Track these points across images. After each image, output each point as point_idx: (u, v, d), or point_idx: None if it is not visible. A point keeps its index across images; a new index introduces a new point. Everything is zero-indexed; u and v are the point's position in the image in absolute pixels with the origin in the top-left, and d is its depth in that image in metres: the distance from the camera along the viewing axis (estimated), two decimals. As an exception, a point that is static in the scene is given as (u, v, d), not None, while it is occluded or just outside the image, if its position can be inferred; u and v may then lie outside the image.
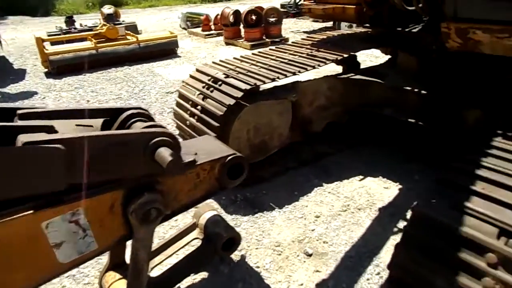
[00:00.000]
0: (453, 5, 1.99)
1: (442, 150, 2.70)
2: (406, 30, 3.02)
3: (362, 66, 3.90)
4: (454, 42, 2.10)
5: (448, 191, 1.52)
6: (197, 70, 3.30)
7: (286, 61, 3.23)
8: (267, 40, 8.64)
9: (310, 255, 2.35)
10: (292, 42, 3.87)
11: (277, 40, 8.68)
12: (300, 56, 3.32)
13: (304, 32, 10.20)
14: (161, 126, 1.45)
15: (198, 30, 10.58)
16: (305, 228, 2.59)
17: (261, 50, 3.70)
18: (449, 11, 2.02)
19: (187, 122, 3.04)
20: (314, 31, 10.02)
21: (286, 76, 2.92)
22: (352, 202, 2.84)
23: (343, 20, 3.58)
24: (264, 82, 2.82)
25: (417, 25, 3.02)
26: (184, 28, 11.54)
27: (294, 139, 3.32)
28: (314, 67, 3.06)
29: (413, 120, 2.93)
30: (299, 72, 2.98)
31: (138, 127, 1.48)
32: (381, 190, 2.99)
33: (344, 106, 3.43)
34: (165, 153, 1.33)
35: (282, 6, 12.44)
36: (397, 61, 3.33)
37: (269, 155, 3.15)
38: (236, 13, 8.96)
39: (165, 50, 7.72)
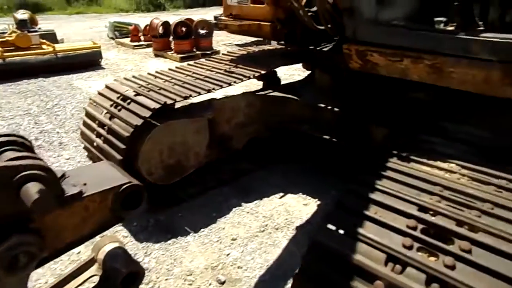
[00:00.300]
0: (352, 27, 2.04)
1: (355, 166, 2.76)
2: (318, 48, 3.08)
3: (291, 80, 3.94)
4: (355, 63, 2.16)
5: (345, 216, 1.51)
6: (106, 87, 3.07)
7: (202, 77, 3.13)
8: (197, 52, 8.52)
9: (223, 283, 2.23)
10: (212, 57, 3.79)
11: (208, 52, 8.58)
12: (217, 73, 3.24)
13: (236, 44, 10.25)
14: (34, 158, 1.26)
15: (127, 40, 10.15)
16: (220, 253, 2.48)
17: (178, 65, 3.56)
18: (349, 33, 2.07)
19: (94, 143, 2.79)
20: (246, 44, 10.10)
21: (199, 93, 2.82)
22: (271, 222, 2.79)
23: (259, 36, 3.58)
24: (176, 101, 2.68)
25: (329, 44, 3.10)
26: (112, 38, 11.01)
27: (213, 157, 3.21)
28: (230, 84, 3.00)
29: (327, 137, 2.98)
30: (214, 89, 2.90)
31: (7, 157, 1.27)
32: (300, 207, 2.99)
33: (263, 122, 3.41)
34: (31, 189, 1.14)
35: (216, 18, 12.42)
36: (314, 78, 3.40)
37: (187, 175, 3.00)
38: (165, 24, 8.73)
39: (87, 62, 7.23)
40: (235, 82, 3.04)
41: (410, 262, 1.26)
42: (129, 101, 2.74)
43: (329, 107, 2.92)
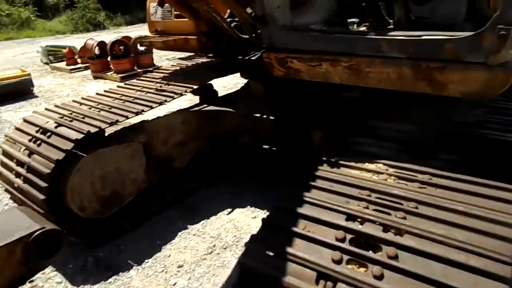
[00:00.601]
0: (268, 36, 2.00)
1: (297, 172, 2.73)
2: (247, 58, 3.04)
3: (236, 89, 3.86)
4: (278, 70, 2.12)
5: (273, 235, 1.43)
6: (25, 121, 2.82)
7: (131, 99, 2.97)
8: (138, 70, 8.25)
9: (169, 318, 2.09)
10: (144, 76, 3.63)
11: (149, 69, 8.31)
12: (147, 92, 3.09)
13: (180, 58, 10.06)
14: None
15: (63, 64, 9.63)
16: (165, 284, 2.33)
17: (107, 88, 3.37)
18: (266, 41, 2.03)
19: (15, 184, 2.54)
20: (190, 57, 9.95)
21: (127, 117, 2.66)
22: (218, 242, 2.68)
23: (187, 50, 3.48)
24: (101, 128, 2.51)
25: (258, 52, 3.06)
26: (46, 63, 10.40)
27: (154, 181, 3.06)
28: (161, 103, 2.87)
29: (267, 146, 2.93)
30: (143, 111, 2.76)
31: None
32: (249, 221, 2.90)
33: (203, 138, 3.30)
34: None
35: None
36: (249, 87, 3.35)
37: (127, 203, 2.82)
38: (102, 44, 8.38)
39: (16, 91, 6.74)
40: (165, 101, 2.91)
41: (340, 277, 1.21)
42: (49, 134, 2.53)
43: (265, 116, 2.87)
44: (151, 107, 2.82)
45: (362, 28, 1.88)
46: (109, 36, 15.45)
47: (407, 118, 2.12)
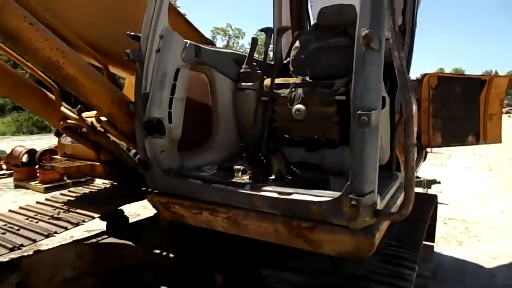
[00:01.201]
0: (151, 180, 1.93)
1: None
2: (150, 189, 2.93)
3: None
4: (164, 213, 2.00)
5: None
6: None
7: (15, 229, 2.65)
8: (68, 181, 7.83)
9: None
10: (47, 199, 3.35)
11: (82, 180, 7.94)
12: (40, 220, 2.80)
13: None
14: None
15: (-15, 170, 9.00)
16: None
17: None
18: (150, 184, 1.95)
19: None
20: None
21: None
22: None
23: (93, 176, 3.33)
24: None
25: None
26: (-33, 168, 9.64)
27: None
28: (48, 236, 2.57)
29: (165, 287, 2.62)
30: (22, 246, 2.43)
31: None
32: None
33: (100, 274, 2.93)
34: None
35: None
36: (158, 218, 3.17)
37: None
38: (31, 152, 8.04)
39: None
40: (55, 232, 2.63)
41: None
42: None
43: (165, 253, 2.64)
44: (34, 241, 2.50)
45: (246, 177, 1.88)
46: (53, 140, 15.08)
47: (300, 266, 2.00)
